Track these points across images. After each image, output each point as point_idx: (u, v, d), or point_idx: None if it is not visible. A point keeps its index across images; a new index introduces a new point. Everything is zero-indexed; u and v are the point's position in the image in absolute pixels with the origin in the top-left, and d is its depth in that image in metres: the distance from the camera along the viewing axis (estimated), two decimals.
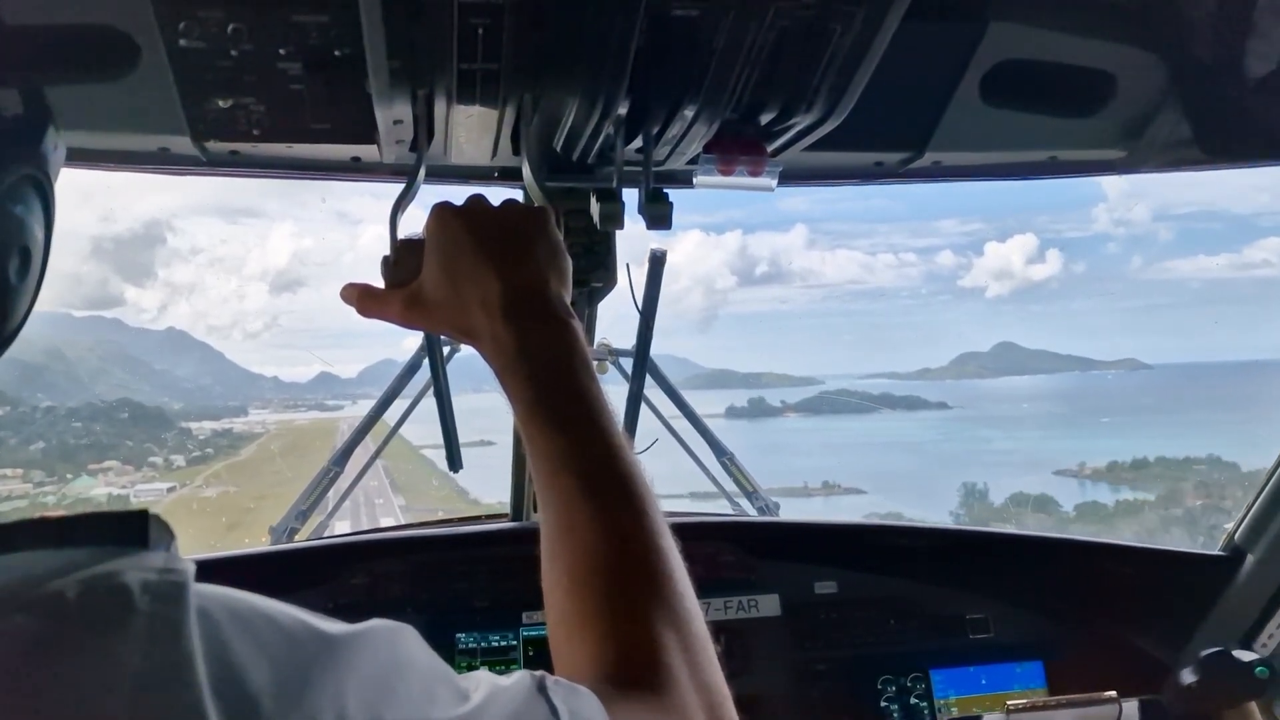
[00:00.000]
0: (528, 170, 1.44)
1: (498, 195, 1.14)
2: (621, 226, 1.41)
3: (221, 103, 1.27)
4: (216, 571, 0.64)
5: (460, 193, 1.14)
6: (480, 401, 1.08)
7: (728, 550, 2.43)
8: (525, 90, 1.27)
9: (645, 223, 1.38)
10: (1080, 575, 2.50)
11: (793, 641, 2.39)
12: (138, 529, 0.55)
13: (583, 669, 0.81)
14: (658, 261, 2.23)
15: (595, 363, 1.04)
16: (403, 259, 1.13)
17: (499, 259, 1.04)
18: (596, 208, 1.40)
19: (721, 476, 2.99)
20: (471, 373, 1.07)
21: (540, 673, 0.71)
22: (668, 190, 1.37)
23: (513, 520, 2.56)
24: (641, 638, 0.81)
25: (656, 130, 1.30)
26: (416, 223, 1.13)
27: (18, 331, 0.86)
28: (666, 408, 2.93)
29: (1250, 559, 2.31)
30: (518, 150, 1.46)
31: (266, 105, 1.29)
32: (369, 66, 1.16)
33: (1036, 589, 2.47)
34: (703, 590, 0.89)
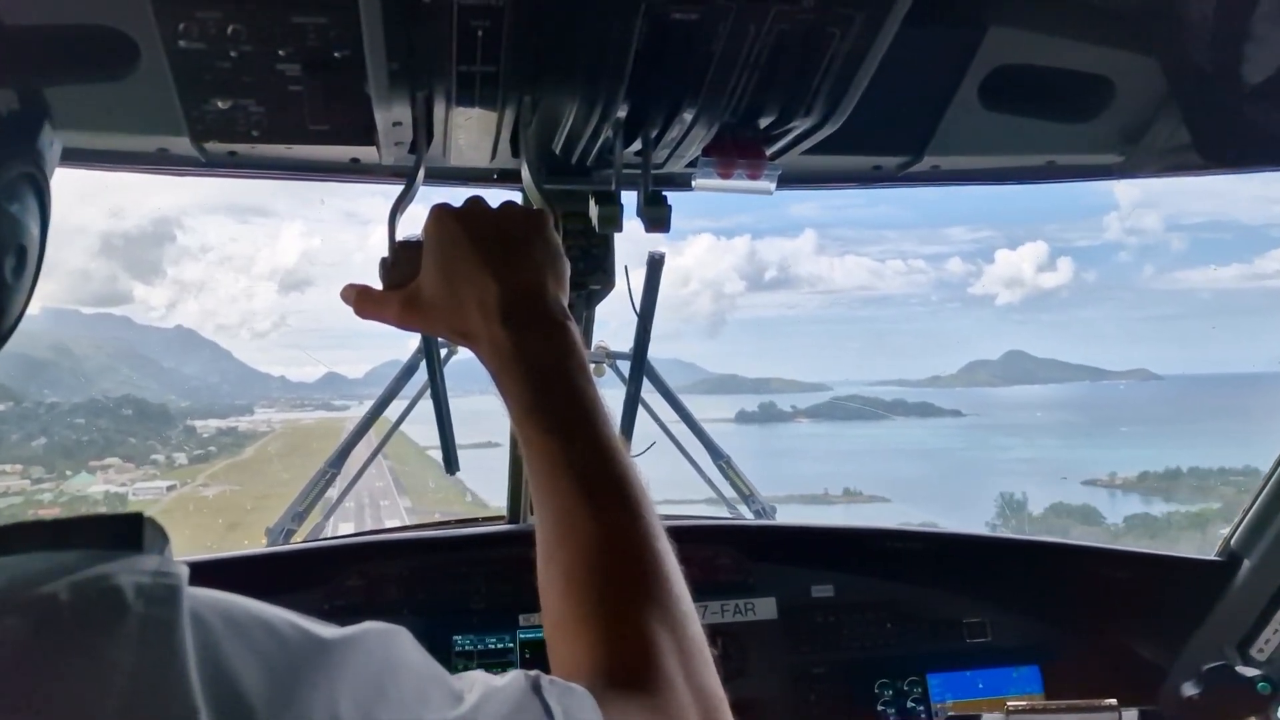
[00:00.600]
0: (526, 172, 1.44)
1: (496, 197, 1.14)
2: (620, 229, 1.41)
3: (221, 104, 1.27)
4: (211, 573, 0.64)
5: (459, 195, 1.14)
6: (486, 403, 1.07)
7: (725, 553, 2.43)
8: (524, 92, 1.27)
9: (644, 225, 1.38)
10: (1077, 580, 2.50)
11: (789, 645, 2.39)
12: (132, 532, 0.55)
13: (578, 670, 0.81)
14: (656, 264, 2.23)
15: (592, 366, 1.04)
16: (401, 261, 1.13)
17: (497, 261, 1.04)
18: (595, 210, 1.40)
19: (719, 480, 2.99)
20: (477, 375, 1.07)
21: (535, 673, 0.71)
22: (666, 193, 1.38)
23: (509, 523, 2.56)
24: (637, 639, 0.81)
25: (655, 133, 1.31)
26: (416, 225, 1.13)
27: (13, 329, 0.86)
28: (665, 412, 2.93)
29: (1246, 564, 2.31)
30: (517, 152, 1.46)
31: (266, 106, 1.29)
32: (368, 68, 1.16)
33: (1033, 593, 2.47)
34: (699, 593, 0.89)
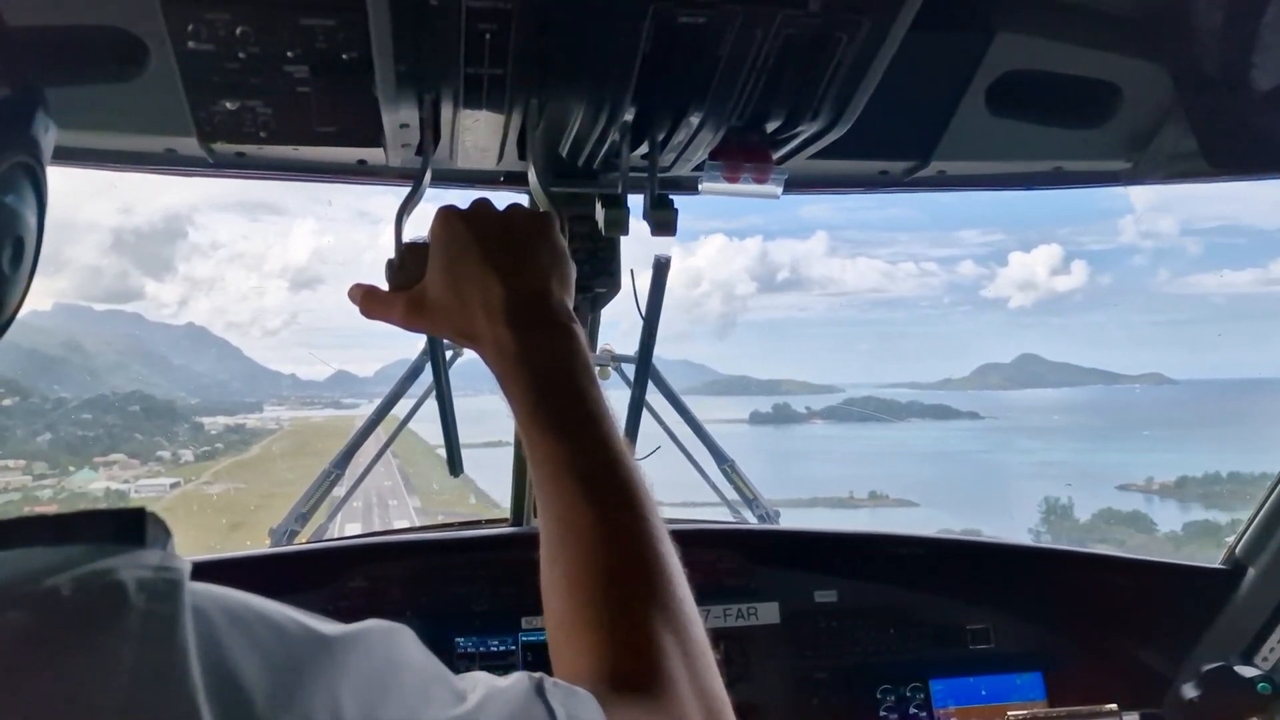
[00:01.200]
0: (533, 175, 1.45)
1: (503, 200, 1.15)
2: (626, 232, 1.41)
3: (229, 105, 1.28)
4: (215, 573, 0.64)
5: (466, 197, 1.14)
6: (496, 403, 1.07)
7: (728, 557, 2.43)
8: (531, 95, 1.27)
9: (650, 229, 1.38)
10: (1081, 587, 2.50)
11: (792, 650, 2.38)
12: (134, 527, 0.55)
13: (581, 672, 0.81)
14: (661, 267, 2.23)
15: (597, 368, 1.04)
16: (407, 262, 1.13)
17: (502, 263, 1.04)
18: (601, 213, 1.40)
19: (722, 484, 2.98)
20: (487, 375, 1.07)
21: (539, 675, 0.71)
22: (673, 196, 1.38)
23: (513, 525, 2.56)
24: (640, 642, 0.81)
25: (662, 137, 1.30)
26: (423, 227, 1.14)
27: (11, 320, 0.86)
28: (670, 415, 2.92)
29: (1252, 572, 2.30)
30: (523, 155, 1.47)
31: (273, 108, 1.29)
32: (376, 70, 1.16)
33: (1037, 600, 2.46)
34: (703, 597, 0.89)
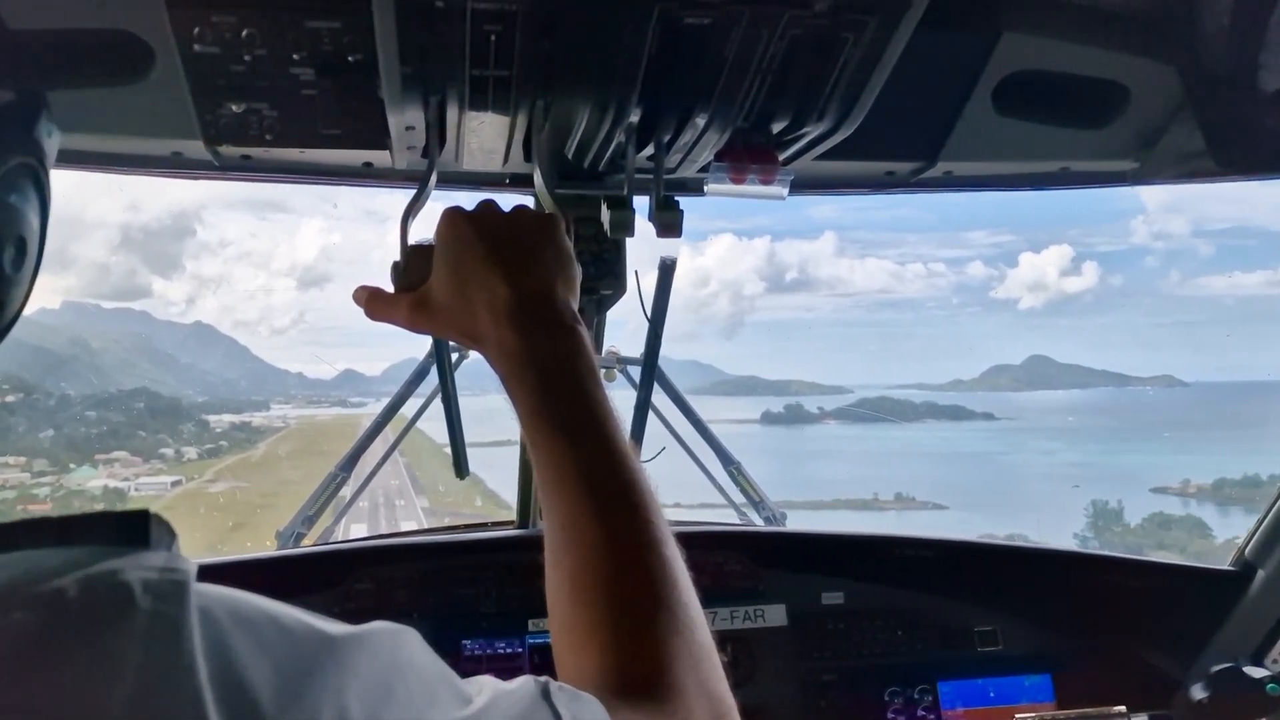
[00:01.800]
0: (539, 177, 1.45)
1: (509, 202, 1.14)
2: (632, 234, 1.41)
3: (234, 107, 1.28)
4: (222, 575, 0.64)
5: (471, 199, 1.14)
6: (504, 403, 1.07)
7: (734, 559, 2.42)
8: (537, 97, 1.27)
9: (655, 230, 1.38)
10: (1090, 588, 2.49)
11: (799, 652, 2.38)
12: (139, 528, 0.55)
13: (587, 677, 0.80)
14: (667, 269, 2.23)
15: (603, 370, 1.04)
16: (412, 264, 1.13)
17: (507, 265, 1.04)
18: (607, 215, 1.40)
19: (729, 486, 2.98)
20: (494, 375, 1.07)
21: (544, 678, 0.71)
22: (679, 198, 1.38)
23: (519, 527, 2.56)
24: (645, 646, 0.81)
25: (668, 138, 1.30)
26: (429, 229, 1.14)
27: (14, 321, 0.86)
28: (676, 417, 2.92)
29: (1261, 574, 2.29)
30: (529, 157, 1.47)
31: (279, 110, 1.29)
32: (381, 72, 1.16)
33: (1046, 602, 2.45)
34: (709, 600, 0.88)
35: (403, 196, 1.30)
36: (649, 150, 1.33)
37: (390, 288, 1.15)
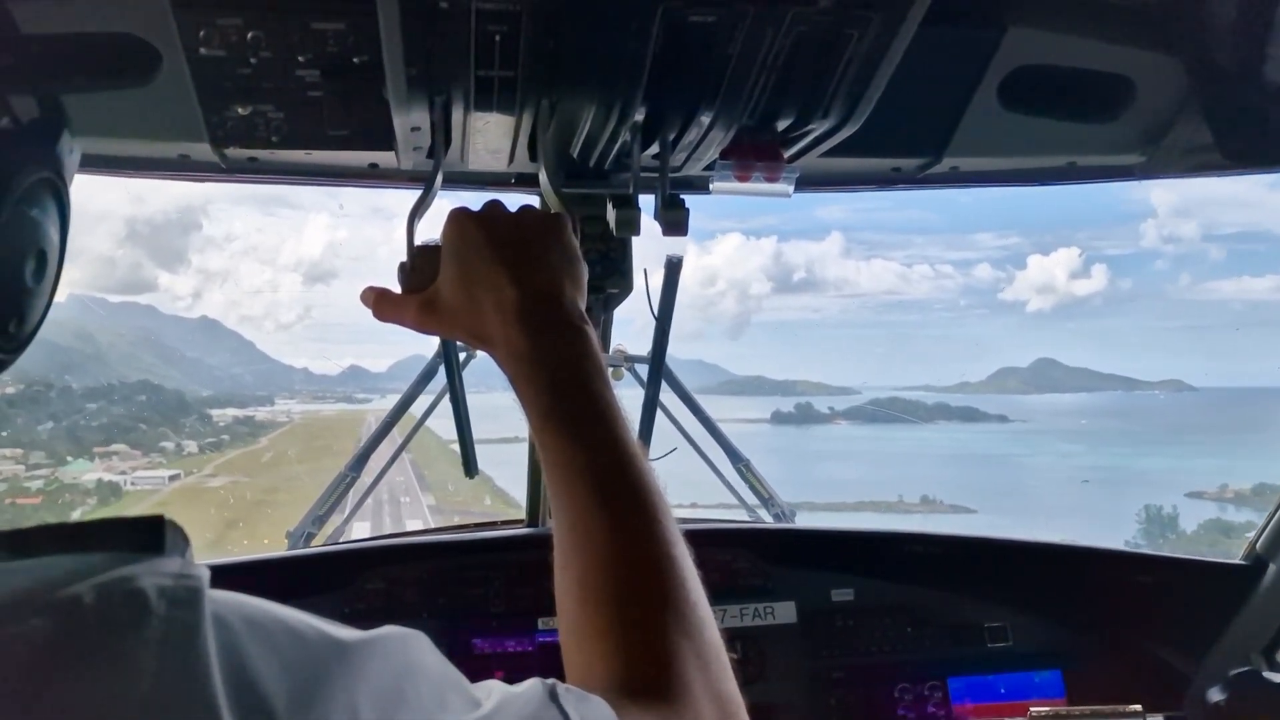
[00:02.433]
0: (544, 176, 1.45)
1: (515, 201, 1.15)
2: (638, 233, 1.41)
3: (241, 110, 1.28)
4: (232, 576, 0.65)
5: (477, 199, 1.14)
6: (512, 401, 1.07)
7: (744, 557, 2.43)
8: (542, 97, 1.28)
9: (661, 229, 1.38)
10: (1100, 584, 2.48)
11: (809, 649, 2.38)
12: (154, 534, 0.55)
13: (595, 677, 0.80)
14: (674, 268, 2.23)
15: (610, 369, 1.04)
16: (419, 265, 1.13)
17: (514, 265, 1.04)
18: (613, 214, 1.40)
19: (738, 483, 2.98)
20: (502, 374, 1.07)
21: (552, 681, 0.71)
22: (685, 196, 1.38)
23: (529, 525, 2.57)
24: (654, 646, 0.81)
25: (673, 136, 1.30)
26: (436, 229, 1.14)
27: (35, 332, 0.87)
28: (685, 415, 2.92)
29: (1272, 568, 2.28)
30: (535, 157, 1.47)
31: (285, 112, 1.30)
32: (386, 73, 1.16)
33: (1056, 598, 2.45)
34: (719, 597, 0.88)
35: (409, 196, 1.31)
36: (654, 149, 1.33)
37: (398, 288, 1.15)
